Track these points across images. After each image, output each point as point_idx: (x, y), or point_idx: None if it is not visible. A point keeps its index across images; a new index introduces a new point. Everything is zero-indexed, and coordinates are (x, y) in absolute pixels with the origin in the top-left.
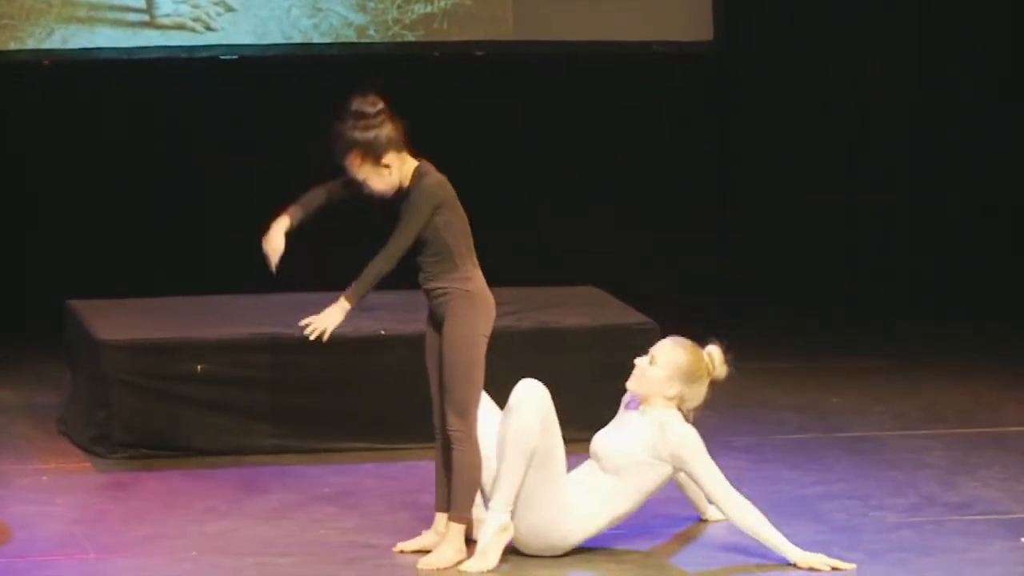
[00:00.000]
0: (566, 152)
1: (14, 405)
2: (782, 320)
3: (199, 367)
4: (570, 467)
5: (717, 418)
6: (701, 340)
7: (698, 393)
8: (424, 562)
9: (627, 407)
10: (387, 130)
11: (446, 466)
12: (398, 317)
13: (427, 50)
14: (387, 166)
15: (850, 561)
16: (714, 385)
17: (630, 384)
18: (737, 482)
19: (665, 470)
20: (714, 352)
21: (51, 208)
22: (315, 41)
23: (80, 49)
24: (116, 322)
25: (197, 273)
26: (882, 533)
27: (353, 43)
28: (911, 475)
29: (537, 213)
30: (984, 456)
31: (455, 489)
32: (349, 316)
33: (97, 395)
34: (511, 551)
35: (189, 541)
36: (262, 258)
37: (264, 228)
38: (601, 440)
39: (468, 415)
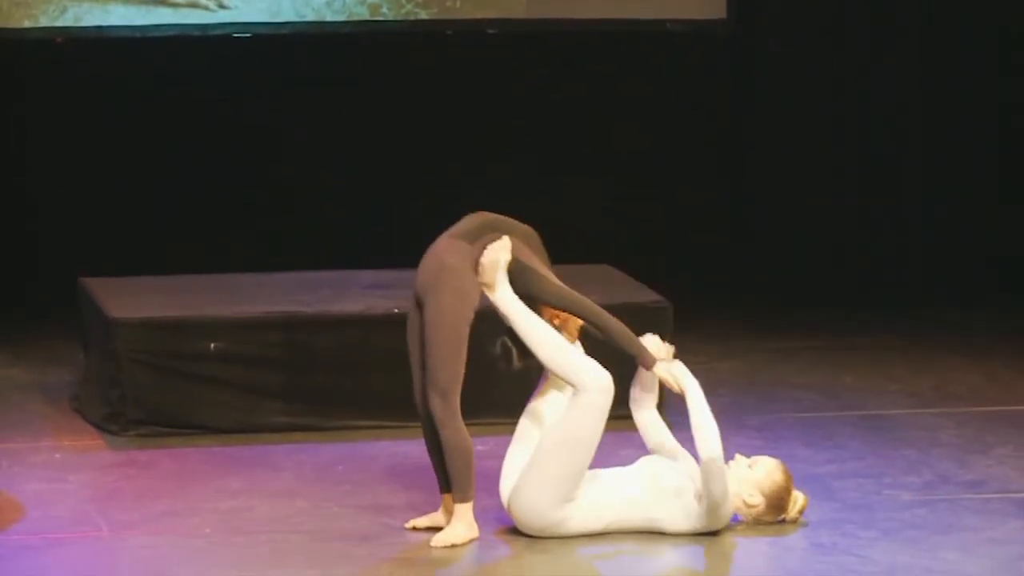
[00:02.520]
0: (578, 130)
1: (28, 383)
2: (795, 299)
3: (212, 345)
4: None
5: (731, 397)
6: (798, 480)
7: (769, 517)
8: (437, 539)
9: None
10: None
11: (436, 447)
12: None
13: (440, 28)
14: None
15: (864, 539)
16: (781, 521)
17: None
18: None
19: (690, 524)
20: (800, 499)
21: (64, 185)
22: (328, 19)
23: (93, 27)
24: (129, 300)
25: (211, 251)
26: (896, 511)
27: (366, 21)
28: (925, 453)
29: (550, 191)
30: (998, 434)
31: (452, 473)
32: None
33: (110, 373)
34: (512, 531)
35: (202, 519)
36: (273, 236)
37: (275, 207)
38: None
39: (451, 397)
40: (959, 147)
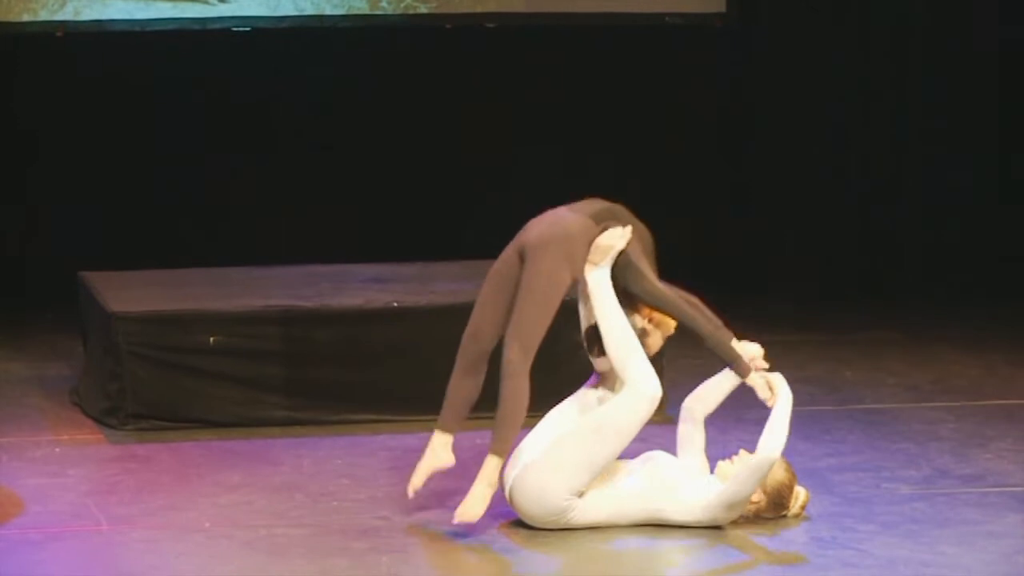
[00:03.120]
0: (578, 126)
1: (28, 376)
2: (795, 294)
3: (211, 339)
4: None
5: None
6: (800, 472)
7: (770, 513)
8: (461, 511)
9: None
10: None
11: (466, 388)
12: (411, 289)
13: (439, 22)
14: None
15: (863, 533)
16: (784, 517)
17: (723, 462)
18: None
19: (693, 517)
20: (802, 494)
21: (64, 179)
22: (327, 13)
23: (92, 21)
24: (128, 294)
25: (211, 245)
26: (895, 505)
27: (365, 15)
28: (924, 447)
29: (550, 186)
30: (997, 428)
31: (501, 422)
32: None
33: (109, 367)
34: (516, 523)
35: (201, 513)
36: (272, 230)
37: (274, 201)
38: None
39: (530, 352)
40: (959, 147)
